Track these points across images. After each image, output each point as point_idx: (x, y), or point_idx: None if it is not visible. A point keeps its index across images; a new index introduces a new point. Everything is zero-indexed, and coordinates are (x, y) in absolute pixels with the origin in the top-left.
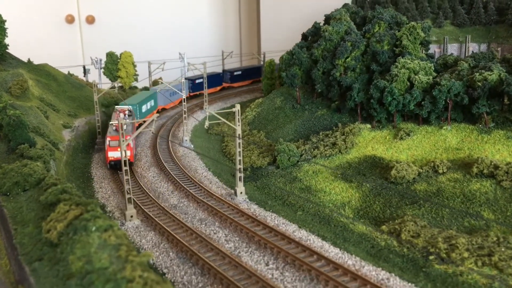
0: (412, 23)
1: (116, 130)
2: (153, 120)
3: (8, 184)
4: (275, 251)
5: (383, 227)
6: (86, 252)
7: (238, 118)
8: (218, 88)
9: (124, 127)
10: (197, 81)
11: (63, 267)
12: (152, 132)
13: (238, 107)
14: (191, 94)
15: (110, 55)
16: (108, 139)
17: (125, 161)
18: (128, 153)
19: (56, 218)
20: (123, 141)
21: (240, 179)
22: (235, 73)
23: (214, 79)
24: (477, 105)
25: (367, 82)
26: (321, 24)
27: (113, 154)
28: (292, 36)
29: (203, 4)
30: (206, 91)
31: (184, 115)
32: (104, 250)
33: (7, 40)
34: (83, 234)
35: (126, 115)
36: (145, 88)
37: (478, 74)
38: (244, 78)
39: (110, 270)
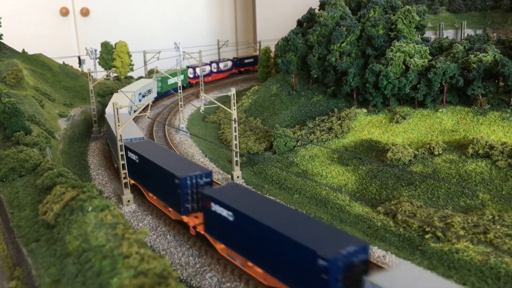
0: (407, 6)
1: None
2: (148, 105)
3: (4, 170)
4: None
5: (379, 208)
6: (82, 232)
7: (234, 102)
8: None
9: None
10: None
11: (60, 247)
12: (148, 117)
13: (233, 90)
14: None
15: (105, 45)
16: None
17: (121, 145)
18: None
19: (53, 200)
20: None
21: (236, 163)
22: None
23: None
24: (472, 87)
25: (363, 67)
26: (316, 10)
27: None
28: (288, 24)
29: None
30: None
31: (180, 103)
32: (101, 229)
33: (1, 30)
34: (79, 215)
35: None
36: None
37: (473, 56)
38: None
39: (107, 248)
